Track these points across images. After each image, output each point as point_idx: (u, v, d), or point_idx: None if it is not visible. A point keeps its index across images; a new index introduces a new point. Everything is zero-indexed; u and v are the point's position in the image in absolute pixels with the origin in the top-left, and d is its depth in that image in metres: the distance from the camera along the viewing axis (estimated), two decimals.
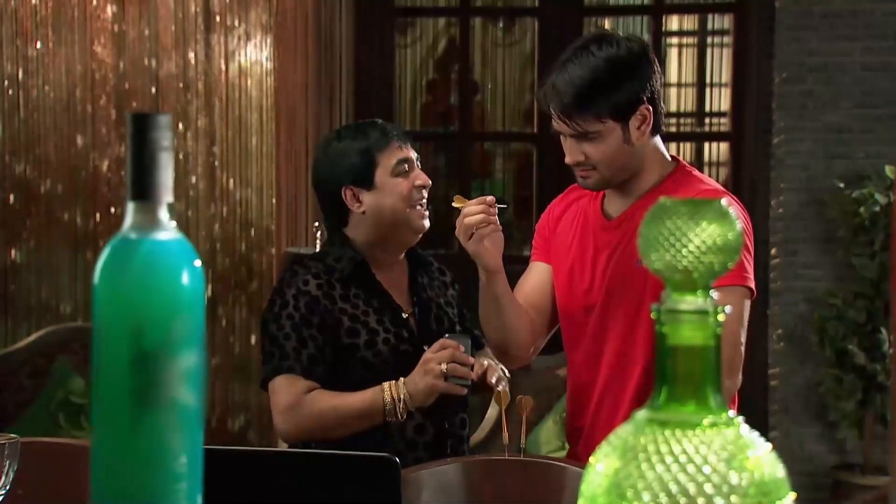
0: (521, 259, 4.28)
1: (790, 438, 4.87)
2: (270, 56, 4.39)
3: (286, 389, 2.47)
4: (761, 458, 0.86)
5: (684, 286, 0.88)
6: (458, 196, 2.44)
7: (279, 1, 4.43)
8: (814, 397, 4.87)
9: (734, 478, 0.84)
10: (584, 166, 2.36)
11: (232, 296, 4.46)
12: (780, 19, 4.87)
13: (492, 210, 2.36)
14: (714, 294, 0.89)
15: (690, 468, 0.84)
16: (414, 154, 2.61)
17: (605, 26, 5.48)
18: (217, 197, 4.44)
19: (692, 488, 0.83)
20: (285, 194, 4.49)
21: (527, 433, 2.37)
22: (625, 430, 0.88)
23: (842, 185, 4.77)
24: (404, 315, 2.59)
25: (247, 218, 4.43)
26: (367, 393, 2.44)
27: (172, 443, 0.93)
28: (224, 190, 4.43)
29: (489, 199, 2.38)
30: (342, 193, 2.58)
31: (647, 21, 5.49)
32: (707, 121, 6.06)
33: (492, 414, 3.69)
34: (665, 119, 2.50)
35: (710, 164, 5.71)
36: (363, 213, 2.57)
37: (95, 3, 4.44)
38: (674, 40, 6.32)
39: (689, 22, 6.24)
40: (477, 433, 3.65)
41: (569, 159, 2.38)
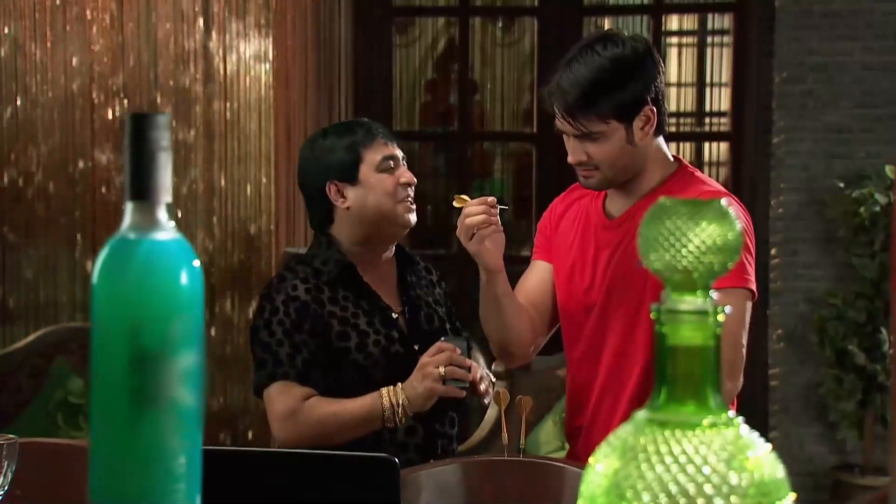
0: (520, 259, 4.28)
1: (790, 439, 4.87)
2: (269, 56, 4.38)
3: (283, 397, 2.46)
4: (761, 459, 0.86)
5: (684, 286, 0.88)
6: (458, 195, 2.44)
7: (278, 1, 4.42)
8: (814, 398, 4.87)
9: (734, 478, 0.84)
10: (587, 166, 2.36)
11: (231, 296, 4.46)
12: (780, 19, 4.86)
13: (493, 210, 2.36)
14: (714, 295, 0.89)
15: (690, 469, 0.84)
16: (400, 153, 2.61)
17: (605, 26, 5.47)
18: (216, 197, 4.43)
19: (692, 489, 0.83)
20: (284, 194, 4.48)
21: (526, 433, 2.36)
22: (624, 431, 0.88)
23: (842, 184, 4.77)
24: (394, 315, 2.58)
25: (246, 218, 4.43)
26: (366, 399, 2.43)
27: (171, 443, 0.93)
28: (223, 189, 4.43)
29: (490, 199, 2.38)
30: (327, 188, 2.58)
31: (647, 21, 5.49)
32: (707, 121, 6.06)
33: (491, 414, 3.69)
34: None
35: (709, 164, 5.70)
36: (347, 208, 2.57)
37: (94, 2, 4.44)
38: (673, 40, 6.32)
39: (689, 21, 6.24)
40: (477, 433, 3.65)
41: (571, 159, 2.37)
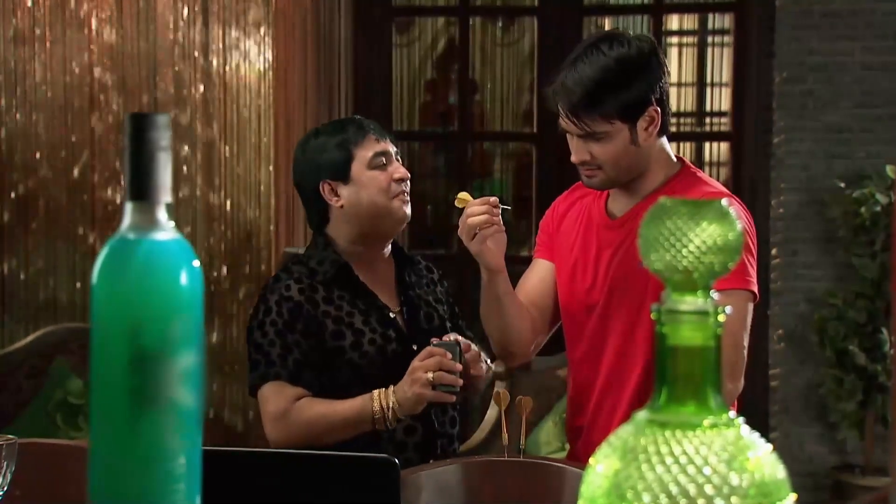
0: (520, 259, 4.28)
1: (790, 439, 4.87)
2: (269, 55, 4.38)
3: (275, 398, 2.47)
4: (762, 459, 0.86)
5: (684, 286, 0.88)
6: (461, 194, 2.43)
7: (278, 0, 4.42)
8: (814, 398, 4.86)
9: (735, 479, 0.84)
10: (590, 166, 2.35)
11: (230, 296, 4.45)
12: (780, 19, 4.86)
13: (495, 210, 2.35)
14: (715, 296, 0.89)
15: (691, 469, 0.84)
16: (393, 148, 2.60)
17: (606, 26, 5.47)
18: (215, 197, 4.43)
19: (692, 489, 0.83)
20: (283, 194, 4.48)
21: (526, 434, 2.36)
22: (625, 431, 0.88)
23: (842, 184, 4.76)
24: (391, 315, 2.58)
25: (245, 217, 4.43)
26: (357, 401, 2.43)
27: (171, 443, 0.93)
28: (222, 189, 4.43)
29: (493, 199, 2.37)
30: (321, 188, 2.58)
31: (647, 20, 5.48)
32: (707, 120, 6.05)
33: (491, 415, 3.69)
34: None
35: (710, 163, 5.70)
36: (341, 206, 2.57)
37: (93, 2, 4.43)
38: (674, 40, 6.32)
39: (690, 21, 6.24)
40: (477, 434, 3.64)
41: (575, 158, 2.37)
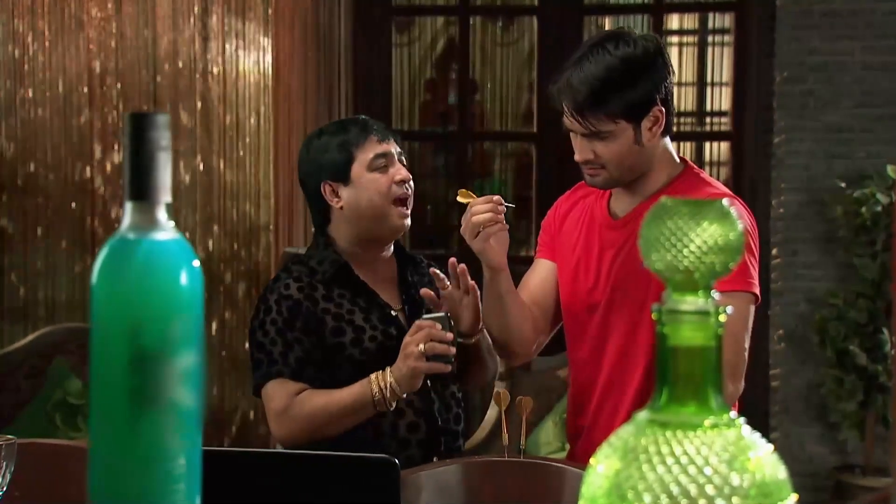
0: (520, 259, 4.28)
1: (791, 439, 4.86)
2: (269, 55, 4.38)
3: (278, 395, 2.47)
4: (763, 460, 0.86)
5: (685, 286, 0.88)
6: (463, 190, 2.42)
7: (277, 0, 4.42)
8: (815, 398, 4.86)
9: (735, 479, 0.84)
10: (593, 165, 2.35)
11: (229, 296, 4.45)
12: (780, 18, 4.86)
13: (500, 208, 2.35)
14: (716, 296, 0.88)
15: (692, 469, 0.84)
16: (395, 149, 2.59)
17: (606, 25, 5.46)
18: (215, 196, 4.43)
19: (693, 490, 0.83)
20: (283, 194, 4.48)
21: (527, 434, 2.36)
22: (625, 431, 0.88)
23: (843, 184, 4.76)
24: (393, 313, 2.58)
25: (245, 217, 4.43)
26: (355, 387, 2.44)
27: (171, 444, 0.93)
28: (222, 189, 4.43)
29: (496, 197, 2.37)
30: (322, 188, 2.59)
31: (647, 20, 5.48)
32: (707, 120, 6.05)
33: (491, 415, 3.69)
34: None
35: (710, 163, 5.70)
36: (341, 208, 2.57)
37: (93, 2, 4.43)
38: (674, 39, 6.31)
39: (690, 21, 6.23)
40: (477, 434, 3.65)
41: (578, 157, 2.36)
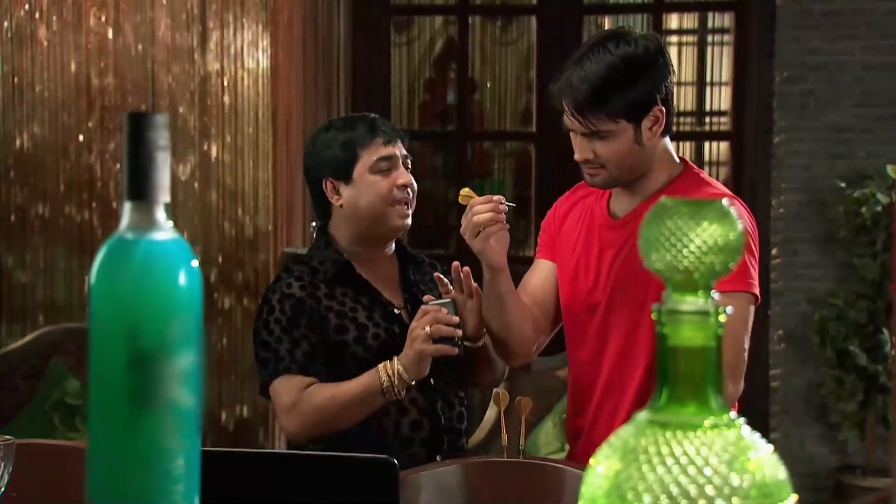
0: (519, 259, 4.27)
1: (791, 440, 4.86)
2: (267, 54, 4.38)
3: (286, 390, 2.46)
4: (763, 460, 0.86)
5: (685, 286, 0.88)
6: (464, 190, 2.42)
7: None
8: (815, 398, 4.86)
9: (735, 480, 0.83)
10: (593, 164, 2.35)
11: (229, 296, 4.45)
12: (780, 18, 4.86)
13: (500, 208, 2.35)
14: (716, 297, 0.88)
15: (692, 470, 0.83)
16: (401, 152, 2.58)
17: (605, 25, 5.46)
18: (214, 196, 4.43)
19: (693, 490, 0.83)
20: (282, 193, 4.48)
21: (526, 435, 2.36)
22: (625, 432, 0.88)
23: (843, 184, 4.76)
24: (396, 311, 2.58)
25: (244, 217, 4.43)
26: (364, 377, 2.43)
27: (169, 444, 0.92)
28: (220, 188, 4.42)
29: (497, 197, 2.37)
30: (324, 185, 2.58)
31: (647, 19, 5.48)
32: (707, 120, 6.05)
33: (491, 415, 3.68)
34: None
35: (710, 163, 5.70)
36: (341, 206, 2.57)
37: (91, 1, 4.43)
38: (673, 39, 6.31)
39: (689, 20, 6.23)
40: (476, 434, 3.64)
41: (578, 156, 2.36)
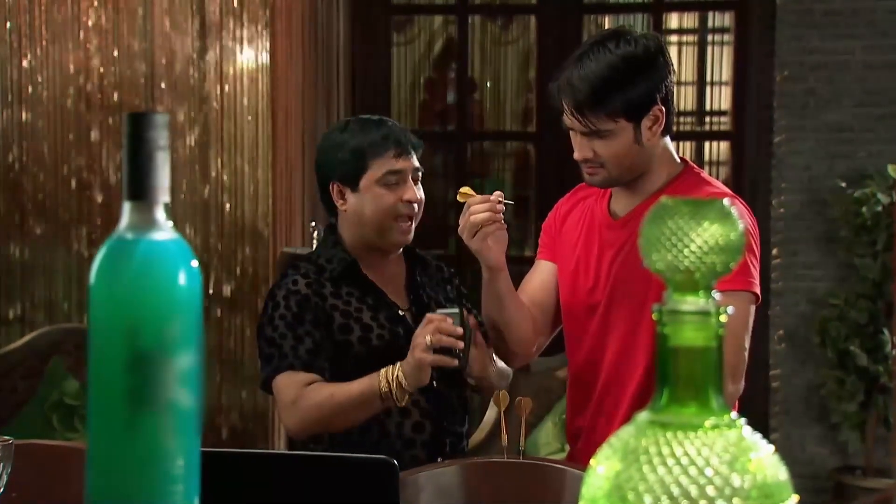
0: (519, 259, 4.28)
1: (791, 440, 4.86)
2: (267, 54, 4.38)
3: (288, 386, 2.46)
4: (763, 461, 0.85)
5: (686, 287, 0.87)
6: (464, 188, 2.41)
7: None
8: (815, 399, 4.86)
9: (736, 480, 0.83)
10: (592, 163, 2.35)
11: (229, 296, 4.45)
12: (781, 17, 4.86)
13: (498, 208, 2.35)
14: (717, 296, 0.88)
15: (692, 470, 0.83)
16: (413, 165, 2.55)
17: (605, 24, 5.46)
18: (213, 196, 4.43)
19: (694, 491, 0.82)
20: (282, 194, 4.48)
21: (526, 435, 2.35)
22: (626, 432, 0.88)
23: (843, 184, 4.76)
24: (401, 312, 2.58)
25: (243, 217, 4.42)
26: (364, 379, 2.42)
27: (169, 445, 0.92)
28: (220, 188, 4.42)
29: (494, 196, 2.36)
30: (330, 186, 2.57)
31: (647, 19, 5.47)
32: (707, 119, 6.04)
33: (491, 416, 3.68)
34: None
35: (710, 163, 5.69)
36: (345, 210, 2.57)
37: (90, 2, 4.43)
38: (674, 38, 6.30)
39: (690, 20, 6.22)
40: (476, 435, 3.64)
41: (577, 155, 2.36)
